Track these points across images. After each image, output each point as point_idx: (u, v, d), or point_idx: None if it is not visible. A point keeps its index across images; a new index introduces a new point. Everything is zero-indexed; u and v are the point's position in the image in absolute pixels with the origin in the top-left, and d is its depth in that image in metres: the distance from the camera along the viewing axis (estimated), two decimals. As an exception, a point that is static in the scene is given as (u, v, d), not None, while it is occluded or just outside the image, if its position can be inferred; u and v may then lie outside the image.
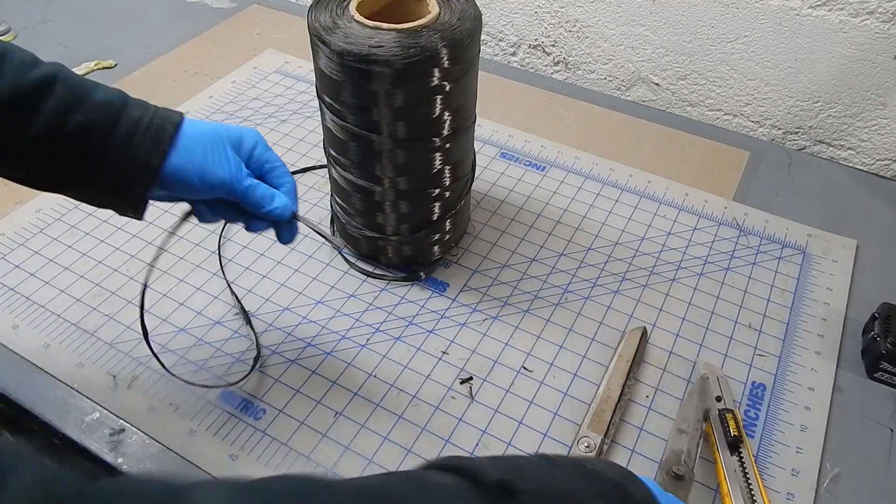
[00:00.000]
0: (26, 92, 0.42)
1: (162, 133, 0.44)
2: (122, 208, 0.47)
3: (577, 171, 0.80)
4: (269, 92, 0.91)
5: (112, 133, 0.43)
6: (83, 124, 0.43)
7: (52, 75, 0.43)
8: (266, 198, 0.48)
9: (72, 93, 0.43)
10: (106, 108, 0.44)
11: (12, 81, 0.41)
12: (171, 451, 0.54)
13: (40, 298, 0.65)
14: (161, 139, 0.44)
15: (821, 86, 0.84)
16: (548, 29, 0.98)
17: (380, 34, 0.53)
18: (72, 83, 0.44)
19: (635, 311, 0.65)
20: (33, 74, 0.42)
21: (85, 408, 0.57)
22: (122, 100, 0.45)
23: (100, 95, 0.44)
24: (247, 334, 0.62)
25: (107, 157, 0.43)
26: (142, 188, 0.45)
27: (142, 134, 0.44)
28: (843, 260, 0.70)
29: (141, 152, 0.44)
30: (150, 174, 0.44)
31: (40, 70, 0.43)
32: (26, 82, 0.42)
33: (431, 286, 0.67)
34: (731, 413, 0.55)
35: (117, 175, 0.44)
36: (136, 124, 0.44)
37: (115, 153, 0.43)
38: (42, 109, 0.42)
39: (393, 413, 0.57)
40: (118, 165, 0.44)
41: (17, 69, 0.42)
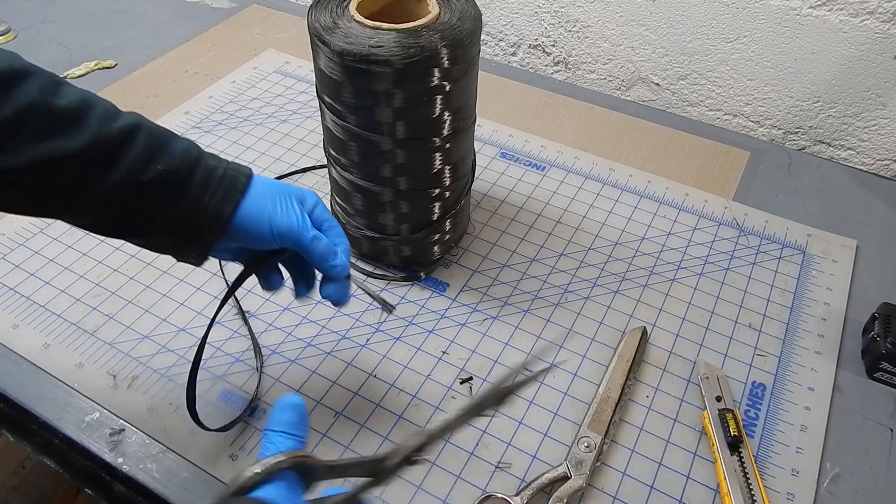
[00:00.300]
0: (110, 142, 0.42)
1: (235, 183, 0.45)
2: (185, 255, 0.47)
3: (577, 171, 0.80)
4: (269, 92, 0.91)
5: (189, 182, 0.44)
6: (162, 173, 0.43)
7: (134, 125, 0.43)
8: (330, 251, 0.48)
9: (153, 141, 0.44)
10: (184, 157, 0.44)
11: (97, 131, 0.41)
12: (171, 451, 0.54)
13: (40, 298, 0.65)
14: (234, 188, 0.45)
15: (821, 86, 0.84)
16: (548, 29, 0.98)
17: (380, 34, 0.53)
18: (153, 132, 0.44)
19: (635, 311, 0.65)
20: (117, 124, 0.43)
21: (85, 408, 0.57)
22: (197, 149, 0.46)
23: (178, 144, 0.45)
24: (246, 334, 0.62)
25: (181, 205, 0.44)
26: (213, 236, 0.45)
27: (216, 183, 0.45)
28: (843, 260, 0.70)
29: (215, 201, 0.44)
30: (223, 222, 0.45)
31: (123, 120, 0.43)
32: (111, 132, 0.42)
33: (431, 286, 0.67)
34: (731, 413, 0.55)
35: (189, 223, 0.44)
36: (211, 174, 0.45)
37: (189, 201, 0.44)
38: (124, 159, 0.42)
39: (393, 413, 0.57)
40: (191, 213, 0.44)
41: (101, 119, 0.42)
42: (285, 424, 0.37)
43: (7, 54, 0.41)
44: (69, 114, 0.41)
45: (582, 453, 0.53)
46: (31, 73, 0.41)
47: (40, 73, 0.41)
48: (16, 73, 0.40)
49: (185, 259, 0.48)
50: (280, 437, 0.37)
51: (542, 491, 0.51)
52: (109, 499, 0.56)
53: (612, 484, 0.52)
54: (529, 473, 0.53)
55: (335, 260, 0.48)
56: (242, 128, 0.85)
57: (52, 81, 0.42)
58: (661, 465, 0.54)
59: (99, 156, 0.41)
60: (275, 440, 0.37)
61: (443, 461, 0.53)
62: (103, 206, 0.43)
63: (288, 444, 0.37)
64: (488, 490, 0.52)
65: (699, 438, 0.55)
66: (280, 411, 0.38)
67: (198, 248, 0.46)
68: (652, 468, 0.53)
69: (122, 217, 0.44)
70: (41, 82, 0.41)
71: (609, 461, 0.54)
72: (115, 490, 0.55)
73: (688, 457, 0.54)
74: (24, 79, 0.40)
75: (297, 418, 0.38)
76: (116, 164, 0.42)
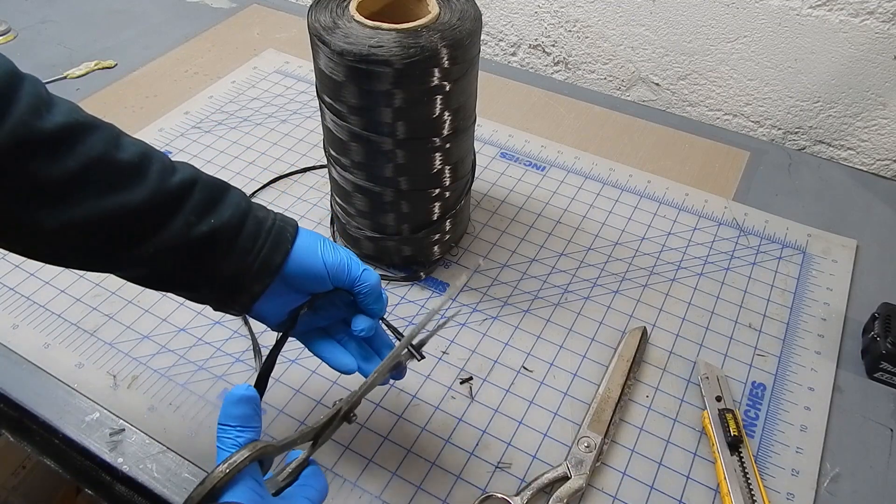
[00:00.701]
0: (169, 196, 0.42)
1: (284, 234, 0.46)
2: (229, 306, 0.47)
3: (577, 171, 0.80)
4: (269, 92, 0.91)
5: (239, 234, 0.44)
6: (215, 226, 0.43)
7: (192, 178, 0.44)
8: (378, 287, 0.48)
9: (208, 195, 0.44)
10: (236, 210, 0.45)
11: (157, 185, 0.42)
12: (171, 451, 0.54)
13: (40, 298, 0.65)
14: (283, 239, 0.46)
15: (821, 86, 0.84)
16: (548, 29, 0.98)
17: (380, 34, 0.53)
18: (208, 186, 0.44)
19: (635, 311, 0.65)
20: (176, 178, 0.43)
21: (85, 408, 0.57)
22: (246, 200, 0.46)
23: (230, 196, 0.45)
24: (246, 334, 0.62)
25: (231, 256, 0.44)
26: (261, 287, 0.46)
27: (265, 234, 0.45)
28: (843, 260, 0.70)
29: (265, 251, 0.45)
30: (272, 273, 0.45)
31: (181, 173, 0.43)
32: (170, 186, 0.42)
33: (431, 286, 0.67)
34: (731, 413, 0.55)
35: (236, 274, 0.45)
36: (260, 225, 0.45)
37: (239, 252, 0.44)
38: (181, 213, 0.43)
39: (393, 413, 0.57)
40: (239, 265, 0.45)
41: (160, 172, 0.42)
42: (242, 419, 0.38)
43: (69, 106, 0.41)
44: (131, 167, 0.41)
45: (582, 453, 0.53)
46: (94, 126, 0.41)
47: (103, 127, 0.42)
48: (81, 126, 0.40)
49: (225, 310, 0.48)
50: (237, 432, 0.37)
51: (542, 491, 0.51)
52: (109, 499, 0.56)
53: (612, 484, 0.52)
54: (529, 473, 0.53)
55: (380, 301, 0.48)
56: (242, 128, 0.85)
57: (113, 134, 0.42)
58: (661, 465, 0.54)
59: (158, 209, 0.42)
60: (231, 434, 0.37)
61: (443, 461, 0.53)
62: (156, 260, 0.43)
63: (246, 438, 0.37)
64: (488, 490, 0.52)
65: (699, 438, 0.55)
66: (233, 405, 0.38)
67: (242, 299, 0.46)
68: (652, 468, 0.53)
69: (174, 269, 0.44)
70: (104, 136, 0.41)
71: (609, 461, 0.54)
72: (115, 490, 0.55)
73: (688, 457, 0.54)
74: (89, 132, 0.40)
75: (251, 411, 0.38)
76: (174, 217, 0.42)
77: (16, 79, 0.38)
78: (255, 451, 0.36)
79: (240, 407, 0.38)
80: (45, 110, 0.39)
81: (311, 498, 0.38)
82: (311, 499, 0.38)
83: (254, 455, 0.35)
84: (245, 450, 0.36)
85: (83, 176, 0.39)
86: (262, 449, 0.36)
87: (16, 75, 0.39)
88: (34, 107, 0.38)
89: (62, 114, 0.40)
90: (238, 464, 0.35)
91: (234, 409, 0.38)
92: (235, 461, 0.35)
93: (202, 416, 0.56)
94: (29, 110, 0.38)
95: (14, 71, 0.39)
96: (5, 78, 0.38)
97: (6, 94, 0.37)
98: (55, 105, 0.40)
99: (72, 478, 0.58)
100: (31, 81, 0.39)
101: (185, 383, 0.58)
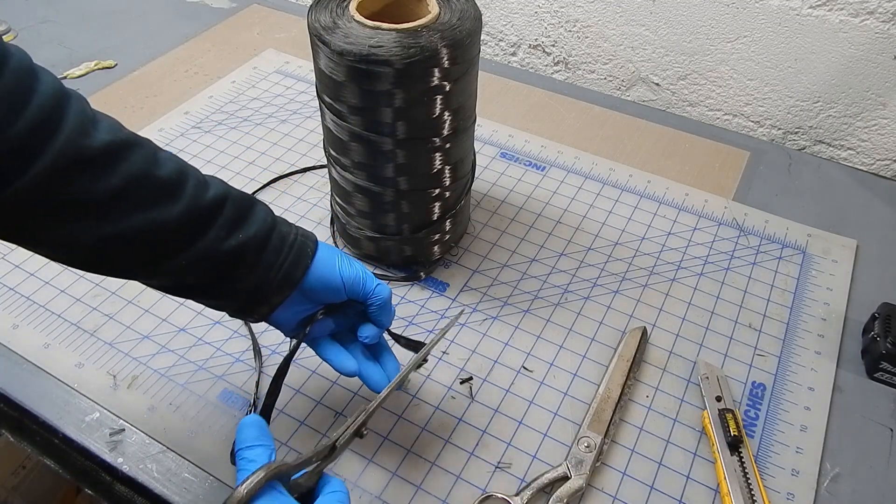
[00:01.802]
0: (203, 210, 0.43)
1: (305, 249, 0.48)
2: (247, 315, 0.49)
3: (577, 171, 0.80)
4: (269, 92, 0.91)
5: (265, 248, 0.46)
6: (242, 241, 0.45)
7: (224, 194, 0.45)
8: (388, 301, 0.50)
9: (237, 211, 0.45)
10: (262, 225, 0.46)
11: (192, 200, 0.43)
12: (171, 451, 0.54)
13: (40, 298, 0.65)
14: (304, 254, 0.47)
15: (821, 86, 0.84)
16: (548, 29, 0.98)
17: (380, 34, 0.53)
18: (237, 201, 0.46)
19: (635, 311, 0.65)
20: (209, 194, 0.44)
21: (85, 408, 0.57)
22: (272, 215, 0.48)
23: (258, 212, 0.47)
24: (246, 334, 0.62)
25: (256, 270, 0.46)
26: (280, 298, 0.47)
27: (288, 249, 0.47)
28: (843, 260, 0.70)
29: (287, 265, 0.46)
30: (292, 286, 0.47)
31: (213, 189, 0.45)
32: (204, 201, 0.44)
33: (431, 286, 0.67)
34: (731, 413, 0.55)
35: (258, 286, 0.46)
36: (283, 240, 0.47)
37: (263, 267, 0.46)
38: (213, 227, 0.44)
39: (393, 413, 0.57)
40: (262, 277, 0.46)
41: (195, 188, 0.43)
42: (254, 438, 0.40)
43: (111, 123, 0.42)
44: (170, 184, 0.42)
45: (582, 453, 0.53)
46: (135, 143, 0.42)
47: (142, 143, 0.43)
48: (124, 144, 0.41)
49: (241, 317, 0.49)
50: (251, 451, 0.39)
51: (542, 491, 0.51)
52: (109, 499, 0.56)
53: (612, 484, 0.52)
54: (529, 473, 0.53)
55: (389, 312, 0.50)
56: (242, 128, 0.85)
57: (152, 150, 0.43)
58: (661, 465, 0.54)
59: (191, 225, 0.43)
60: (247, 455, 0.39)
61: (443, 461, 0.53)
62: (185, 271, 0.44)
63: (259, 452, 0.39)
64: (488, 490, 0.52)
65: (699, 438, 0.55)
66: (245, 429, 0.40)
67: (260, 310, 0.48)
68: (652, 468, 0.53)
69: (200, 281, 0.45)
70: (144, 152, 0.42)
71: (609, 461, 0.54)
72: (115, 490, 0.55)
73: (688, 457, 0.54)
74: (131, 150, 0.41)
75: (261, 431, 0.41)
76: (206, 233, 0.44)
77: (64, 98, 0.39)
78: (270, 470, 0.37)
79: (250, 429, 0.40)
80: (92, 128, 0.40)
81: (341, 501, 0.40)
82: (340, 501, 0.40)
83: (269, 475, 0.37)
84: (261, 470, 0.37)
85: (124, 193, 0.40)
86: (277, 468, 0.37)
87: (64, 95, 0.39)
88: (82, 125, 0.39)
89: (106, 131, 0.40)
90: (258, 481, 0.36)
91: (248, 432, 0.40)
92: (252, 482, 0.36)
93: (202, 416, 0.56)
94: (77, 129, 0.38)
95: (62, 90, 0.39)
96: (55, 97, 0.38)
97: (56, 114, 0.38)
98: (99, 122, 0.41)
99: (72, 478, 0.58)
100: (77, 99, 0.40)
101: (185, 383, 0.58)
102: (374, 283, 0.49)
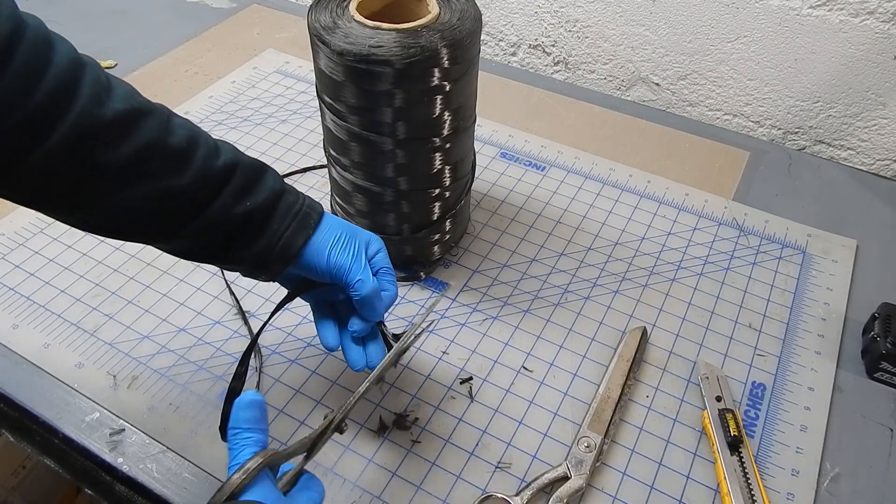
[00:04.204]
0: (212, 179, 0.44)
1: (308, 220, 0.48)
2: (255, 276, 0.50)
3: (577, 171, 0.80)
4: (269, 92, 0.91)
5: (271, 217, 0.46)
6: (249, 209, 0.45)
7: (233, 162, 0.45)
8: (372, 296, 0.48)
9: (247, 178, 0.46)
10: (270, 193, 0.46)
11: (201, 170, 0.43)
12: (171, 451, 0.54)
13: (40, 298, 0.65)
14: (307, 224, 0.47)
15: (821, 86, 0.84)
16: (548, 29, 0.98)
17: (380, 34, 0.53)
18: (247, 169, 0.46)
19: (635, 311, 0.65)
20: (219, 162, 0.44)
21: (85, 408, 0.57)
22: (280, 183, 0.48)
23: (266, 179, 0.47)
24: (246, 334, 0.62)
25: (261, 238, 0.46)
26: (281, 266, 0.48)
27: (291, 218, 0.47)
28: (843, 260, 0.70)
29: (288, 234, 0.47)
30: (292, 256, 0.47)
31: (224, 156, 0.45)
32: (214, 170, 0.44)
33: (431, 286, 0.67)
34: (731, 413, 0.55)
35: (261, 254, 0.47)
36: (289, 209, 0.47)
37: (269, 234, 0.46)
38: (221, 196, 0.44)
39: (393, 413, 0.56)
40: (266, 246, 0.47)
41: (205, 157, 0.44)
42: (251, 421, 0.40)
43: (126, 90, 0.42)
44: (181, 152, 0.43)
45: (582, 453, 0.53)
46: (149, 111, 0.42)
47: (155, 111, 0.43)
48: (137, 112, 0.41)
49: (254, 277, 0.50)
50: (247, 434, 0.39)
51: (542, 491, 0.51)
52: (109, 499, 0.56)
53: (612, 484, 0.52)
54: (529, 473, 0.53)
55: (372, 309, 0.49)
56: (242, 128, 0.85)
57: (165, 118, 0.43)
58: (661, 465, 0.54)
59: (201, 192, 0.44)
60: (241, 437, 0.39)
61: (443, 461, 0.53)
62: (193, 237, 0.45)
63: (254, 439, 0.39)
64: (488, 490, 0.52)
65: (699, 438, 0.55)
66: (243, 409, 0.40)
67: (266, 274, 0.49)
68: (652, 468, 0.53)
69: (207, 245, 0.46)
70: (157, 120, 0.42)
71: (609, 461, 0.54)
72: (115, 490, 0.55)
73: (688, 457, 0.54)
74: (144, 118, 0.42)
75: (260, 414, 0.40)
76: (215, 199, 0.44)
77: (78, 68, 0.39)
78: (266, 457, 0.37)
79: (249, 410, 0.40)
80: (106, 97, 0.40)
81: (314, 500, 0.40)
82: (314, 501, 0.40)
83: (265, 461, 0.37)
84: (258, 456, 0.37)
85: (135, 162, 0.41)
86: (272, 456, 0.38)
87: (78, 64, 0.39)
88: (96, 95, 0.39)
89: (121, 100, 0.41)
90: (252, 469, 0.37)
91: (244, 413, 0.40)
92: (250, 468, 0.37)
93: (202, 416, 0.56)
94: (91, 99, 0.39)
95: (77, 59, 0.39)
96: (71, 67, 0.38)
97: (71, 84, 0.38)
98: (114, 90, 0.41)
99: (72, 478, 0.58)
100: (91, 66, 0.40)
101: (185, 383, 0.58)
102: (356, 277, 0.48)
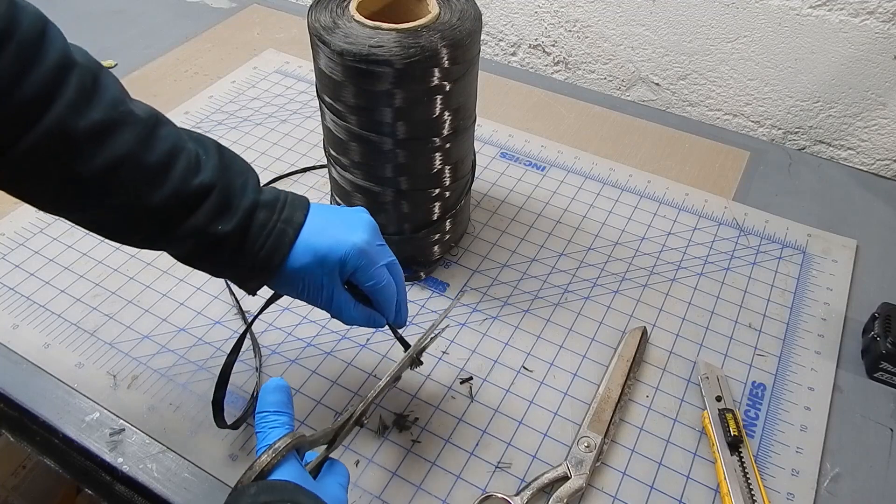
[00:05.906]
0: (186, 199, 0.43)
1: (283, 238, 0.46)
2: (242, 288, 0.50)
3: (577, 171, 0.80)
4: (269, 92, 0.91)
5: (244, 240, 0.46)
6: (221, 232, 0.45)
7: (211, 183, 0.44)
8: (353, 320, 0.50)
9: (222, 201, 0.45)
10: (245, 215, 0.45)
11: (177, 189, 0.43)
12: (171, 451, 0.54)
13: (40, 298, 0.65)
14: (281, 243, 0.46)
15: (821, 86, 0.84)
16: (548, 29, 0.98)
17: (380, 34, 0.53)
18: (226, 190, 0.45)
19: (635, 311, 0.65)
20: (196, 181, 0.44)
21: (85, 408, 0.57)
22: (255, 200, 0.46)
23: (244, 200, 0.46)
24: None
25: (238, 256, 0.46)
26: (258, 284, 0.48)
27: (265, 238, 0.46)
28: (843, 260, 0.70)
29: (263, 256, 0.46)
30: (269, 274, 0.47)
31: (202, 176, 0.44)
32: (188, 189, 0.43)
33: (431, 286, 0.67)
34: (731, 413, 0.55)
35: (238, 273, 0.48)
36: (262, 228, 0.46)
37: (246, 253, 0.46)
38: (194, 216, 0.44)
39: (393, 413, 0.56)
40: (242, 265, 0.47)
41: (183, 174, 0.43)
42: (279, 405, 0.41)
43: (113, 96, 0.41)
44: (157, 167, 0.42)
45: (582, 453, 0.53)
46: (129, 122, 0.41)
47: (137, 122, 0.42)
48: (115, 124, 0.40)
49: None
50: (275, 416, 0.40)
51: (542, 491, 0.51)
52: (109, 499, 0.56)
53: (612, 484, 0.52)
54: (529, 473, 0.53)
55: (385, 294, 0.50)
56: (242, 128, 0.85)
57: (147, 130, 0.42)
58: (661, 465, 0.54)
59: (175, 210, 0.43)
60: (269, 419, 0.40)
61: (443, 461, 0.53)
62: (171, 248, 0.46)
63: (282, 421, 0.40)
64: (488, 490, 0.52)
65: (699, 438, 0.55)
66: (270, 393, 0.41)
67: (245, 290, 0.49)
68: (652, 468, 0.53)
69: (186, 257, 0.47)
70: (136, 132, 0.41)
71: (609, 461, 0.54)
72: (115, 490, 0.55)
73: (688, 457, 0.54)
74: (120, 131, 0.41)
75: (286, 398, 0.42)
76: (188, 218, 0.44)
77: (64, 71, 0.38)
78: (294, 438, 0.39)
79: (276, 394, 0.41)
80: (86, 106, 0.39)
81: (341, 483, 0.42)
82: (342, 484, 0.42)
83: (293, 442, 0.39)
84: (287, 437, 0.39)
85: (107, 175, 0.40)
86: (300, 438, 0.40)
87: (66, 66, 0.39)
88: (75, 103, 0.38)
89: (101, 109, 0.40)
90: (281, 450, 0.38)
91: (271, 397, 0.41)
92: (279, 447, 0.38)
93: (202, 416, 0.56)
94: (69, 106, 0.38)
95: (66, 59, 0.39)
96: (54, 70, 0.38)
97: (51, 89, 0.38)
98: (100, 95, 0.40)
99: (72, 478, 0.58)
100: (80, 69, 0.39)
101: (185, 383, 0.58)
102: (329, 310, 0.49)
